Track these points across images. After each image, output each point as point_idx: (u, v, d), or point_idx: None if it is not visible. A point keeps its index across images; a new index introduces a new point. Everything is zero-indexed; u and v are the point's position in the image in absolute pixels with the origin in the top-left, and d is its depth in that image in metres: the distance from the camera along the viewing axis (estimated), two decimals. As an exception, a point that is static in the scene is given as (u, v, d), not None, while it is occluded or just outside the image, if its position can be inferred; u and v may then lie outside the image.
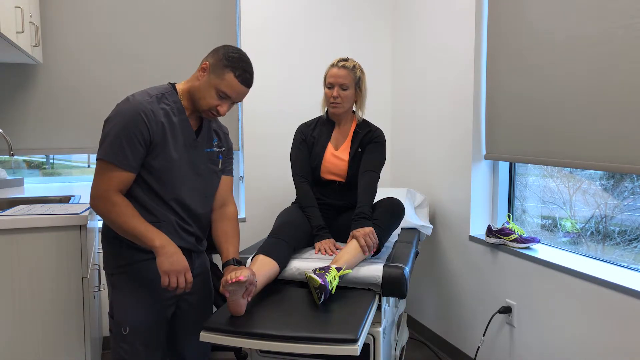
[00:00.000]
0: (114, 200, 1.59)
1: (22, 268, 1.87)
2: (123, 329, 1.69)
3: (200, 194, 1.76)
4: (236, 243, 1.80)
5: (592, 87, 2.00)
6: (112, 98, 2.97)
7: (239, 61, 1.67)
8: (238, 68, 1.66)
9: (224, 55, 1.67)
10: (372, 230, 2.07)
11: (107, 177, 1.59)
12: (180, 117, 1.70)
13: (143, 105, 1.61)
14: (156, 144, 1.64)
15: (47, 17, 2.85)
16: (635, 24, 1.82)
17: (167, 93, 1.70)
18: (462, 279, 2.82)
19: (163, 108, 1.66)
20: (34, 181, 3.05)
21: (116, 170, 1.59)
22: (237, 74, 1.66)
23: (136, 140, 1.59)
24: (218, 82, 1.66)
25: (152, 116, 1.62)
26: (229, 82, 1.66)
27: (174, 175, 1.68)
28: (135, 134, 1.59)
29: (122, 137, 1.58)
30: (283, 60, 3.25)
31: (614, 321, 1.92)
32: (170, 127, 1.67)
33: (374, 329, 1.92)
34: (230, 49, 1.69)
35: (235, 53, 1.68)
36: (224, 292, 1.63)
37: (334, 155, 2.36)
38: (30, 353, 1.90)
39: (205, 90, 1.67)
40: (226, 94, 1.67)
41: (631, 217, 2.10)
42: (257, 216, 3.25)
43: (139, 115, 1.59)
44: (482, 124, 2.68)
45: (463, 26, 2.72)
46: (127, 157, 1.59)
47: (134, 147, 1.59)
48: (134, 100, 1.62)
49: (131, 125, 1.58)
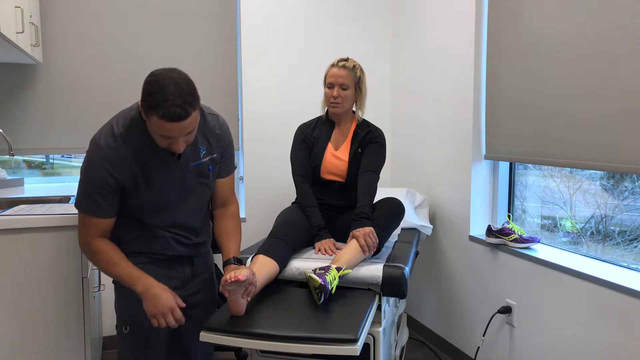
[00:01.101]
0: (95, 248, 1.59)
1: (22, 268, 1.87)
2: (124, 328, 1.71)
3: (194, 210, 1.72)
4: (237, 241, 1.79)
5: (592, 87, 2.00)
6: (112, 98, 2.97)
7: (159, 94, 1.38)
8: (159, 106, 1.38)
9: (143, 94, 1.42)
10: (372, 230, 2.07)
11: (86, 226, 1.59)
12: (152, 149, 1.57)
13: (106, 153, 1.52)
14: (129, 188, 1.58)
15: (47, 17, 2.85)
16: (634, 24, 1.82)
17: (135, 123, 1.54)
18: (462, 279, 2.82)
19: (132, 147, 1.54)
20: (34, 181, 3.05)
21: (93, 219, 1.58)
22: (160, 113, 1.39)
23: (105, 190, 1.55)
24: (151, 128, 1.46)
25: (117, 163, 1.53)
26: (157, 125, 1.42)
27: (160, 204, 1.64)
28: (102, 185, 1.54)
29: (90, 188, 1.54)
30: (283, 60, 3.25)
31: (614, 321, 1.92)
32: (141, 167, 1.56)
33: (374, 329, 1.92)
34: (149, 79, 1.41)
35: (153, 85, 1.39)
36: (224, 292, 1.63)
37: (333, 156, 2.36)
38: (30, 353, 1.90)
39: (153, 134, 1.49)
40: (164, 136, 1.46)
41: (631, 217, 2.10)
42: (257, 216, 3.25)
43: (102, 166, 1.53)
44: (482, 124, 2.68)
45: (463, 26, 2.72)
46: (100, 206, 1.57)
47: (105, 195, 1.56)
48: (98, 145, 1.53)
49: (97, 177, 1.53)
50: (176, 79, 1.40)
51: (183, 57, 3.08)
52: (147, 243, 1.69)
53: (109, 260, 1.58)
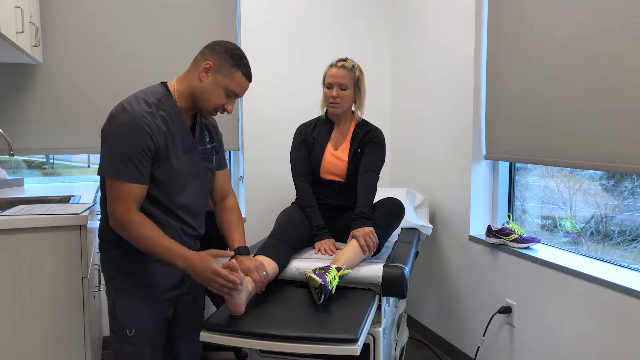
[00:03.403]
0: (137, 220, 1.56)
1: (22, 268, 1.87)
2: (128, 331, 1.68)
3: (199, 194, 1.76)
4: (241, 231, 1.84)
5: (592, 86, 2.00)
6: (112, 98, 2.97)
7: (242, 57, 1.67)
8: (243, 65, 1.66)
9: (227, 54, 1.64)
10: (372, 230, 2.07)
11: (124, 196, 1.55)
12: (178, 121, 1.66)
13: (145, 116, 1.56)
14: (160, 155, 1.61)
15: (47, 17, 2.85)
16: (634, 24, 1.82)
17: (163, 97, 1.64)
18: (462, 279, 2.82)
19: (162, 115, 1.61)
20: (34, 181, 3.05)
21: (131, 186, 1.55)
22: (244, 71, 1.66)
23: (144, 154, 1.56)
24: (227, 82, 1.64)
25: (155, 127, 1.57)
26: (238, 80, 1.65)
27: (176, 183, 1.66)
28: (142, 148, 1.55)
29: (130, 152, 1.53)
30: (283, 61, 3.25)
31: (614, 321, 1.92)
32: (171, 135, 1.63)
33: (374, 329, 1.92)
34: (229, 46, 1.66)
35: (236, 50, 1.67)
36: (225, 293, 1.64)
37: (333, 155, 2.36)
38: (30, 353, 1.90)
39: (211, 91, 1.64)
40: (235, 92, 1.66)
41: (631, 217, 2.10)
42: (257, 216, 3.25)
43: (143, 128, 1.55)
44: (482, 124, 2.68)
45: (463, 26, 2.72)
46: (140, 172, 1.56)
47: (144, 160, 1.56)
48: (134, 111, 1.56)
49: (137, 140, 1.54)
50: None
51: (183, 57, 3.07)
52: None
53: (151, 234, 1.55)
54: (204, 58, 1.66)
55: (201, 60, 1.66)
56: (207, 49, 1.67)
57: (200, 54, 1.68)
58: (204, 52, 1.68)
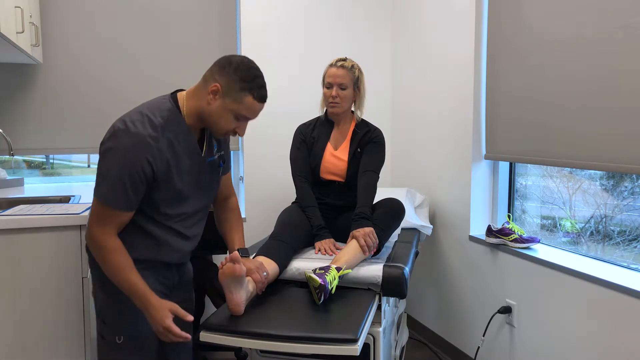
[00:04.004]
0: (112, 246, 1.49)
1: (22, 268, 1.87)
2: (117, 338, 1.61)
3: (202, 208, 1.70)
4: (241, 232, 1.81)
5: (592, 87, 2.00)
6: (112, 98, 2.97)
7: (254, 78, 1.53)
8: (255, 87, 1.53)
9: (237, 75, 1.51)
10: (372, 230, 2.07)
11: (106, 219, 1.49)
12: (185, 141, 1.56)
13: (147, 142, 1.46)
14: (160, 181, 1.52)
15: (47, 17, 2.85)
16: (635, 24, 1.82)
17: (171, 116, 1.53)
18: (462, 279, 2.82)
19: (168, 138, 1.51)
20: (34, 181, 3.05)
21: (117, 212, 1.49)
22: (255, 94, 1.53)
23: (139, 181, 1.47)
24: (236, 107, 1.53)
25: (158, 154, 1.48)
26: (248, 105, 1.53)
27: (177, 201, 1.59)
28: (139, 174, 1.46)
29: (125, 178, 1.45)
30: (283, 61, 3.25)
31: (614, 321, 1.92)
32: (175, 159, 1.54)
33: (374, 329, 1.92)
34: (241, 65, 1.52)
35: (249, 70, 1.53)
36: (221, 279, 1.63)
37: (333, 155, 2.36)
38: (30, 353, 1.90)
39: (219, 115, 1.53)
40: (245, 117, 1.56)
41: (631, 217, 2.10)
42: (257, 216, 3.25)
43: (144, 155, 1.46)
44: (482, 124, 2.68)
45: (463, 26, 2.72)
46: (129, 199, 1.48)
47: (138, 187, 1.48)
48: (137, 134, 1.45)
49: (135, 166, 1.45)
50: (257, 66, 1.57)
51: (183, 57, 3.08)
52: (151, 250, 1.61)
53: (121, 264, 1.49)
54: (212, 78, 1.53)
55: (210, 80, 1.54)
56: (217, 67, 1.54)
57: (209, 70, 1.55)
58: (213, 70, 1.54)
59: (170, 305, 1.52)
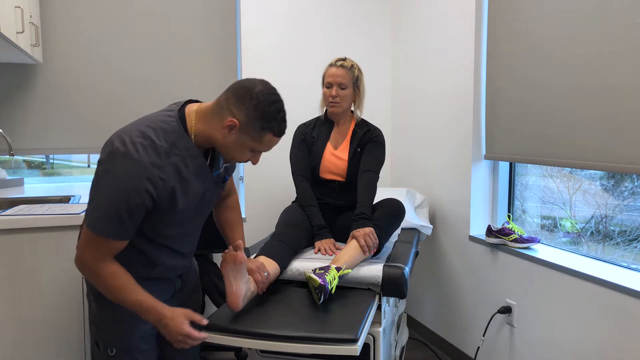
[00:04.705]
0: (107, 272, 1.38)
1: (22, 268, 1.87)
2: (109, 350, 1.53)
3: (201, 224, 1.64)
4: (241, 230, 1.79)
5: (592, 87, 2.00)
6: (112, 98, 2.97)
7: (276, 115, 1.41)
8: (276, 123, 1.41)
9: (257, 111, 1.38)
10: (372, 230, 2.07)
11: (99, 249, 1.36)
12: (194, 164, 1.44)
13: (149, 171, 1.32)
14: (162, 209, 1.41)
15: (47, 17, 2.85)
16: (635, 24, 1.82)
17: (177, 139, 1.39)
18: (462, 279, 2.82)
19: (173, 163, 1.37)
20: (34, 181, 3.05)
21: (112, 242, 1.36)
22: (276, 131, 1.42)
23: (139, 212, 1.35)
24: (254, 144, 1.42)
25: (161, 184, 1.35)
26: (267, 142, 1.43)
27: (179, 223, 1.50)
28: (137, 206, 1.33)
29: (122, 210, 1.32)
30: (283, 61, 3.25)
31: (614, 321, 1.92)
32: (181, 184, 1.42)
33: (374, 329, 1.92)
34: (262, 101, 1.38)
35: (269, 106, 1.39)
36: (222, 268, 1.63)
37: (333, 155, 2.36)
38: (31, 353, 1.90)
39: (235, 150, 1.42)
40: (262, 151, 1.47)
41: (631, 217, 2.10)
42: (257, 216, 3.25)
43: (144, 185, 1.32)
44: (482, 124, 2.68)
45: (463, 27, 2.72)
46: (126, 229, 1.36)
47: (136, 217, 1.35)
48: (138, 161, 1.31)
49: (134, 198, 1.31)
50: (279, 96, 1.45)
51: (183, 57, 3.08)
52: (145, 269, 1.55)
53: (122, 286, 1.39)
54: (229, 110, 1.38)
55: (225, 111, 1.39)
56: (235, 98, 1.38)
57: (225, 99, 1.40)
58: (230, 99, 1.39)
59: (184, 311, 1.48)
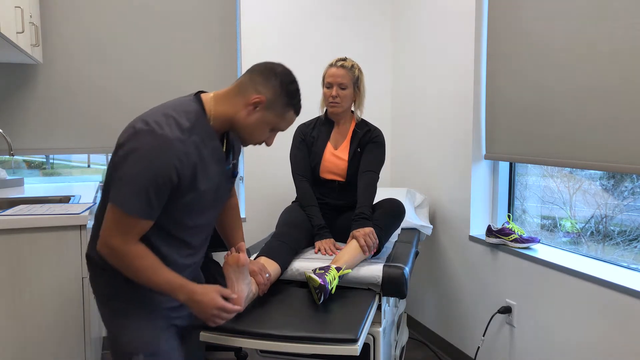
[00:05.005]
0: (136, 253, 1.37)
1: (22, 268, 1.87)
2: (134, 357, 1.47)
3: (214, 220, 1.61)
4: (240, 231, 1.78)
5: (592, 87, 2.00)
6: (112, 98, 2.97)
7: (298, 91, 1.49)
8: (297, 102, 1.49)
9: (282, 89, 1.45)
10: (372, 230, 2.07)
11: (127, 228, 1.36)
12: (211, 146, 1.45)
13: (176, 147, 1.34)
14: (184, 187, 1.41)
15: (47, 17, 2.85)
16: (635, 24, 1.82)
17: (199, 118, 1.42)
18: (462, 279, 2.82)
19: (194, 141, 1.40)
20: (34, 181, 3.05)
21: (138, 221, 1.36)
22: (296, 108, 1.50)
23: (165, 189, 1.36)
24: (277, 121, 1.47)
25: (186, 160, 1.37)
26: (289, 119, 1.50)
27: (198, 210, 1.48)
28: (165, 183, 1.34)
29: (150, 187, 1.33)
30: (283, 61, 3.25)
31: (614, 321, 1.92)
32: (202, 163, 1.43)
33: (374, 329, 1.92)
34: (285, 78, 1.46)
35: (292, 83, 1.48)
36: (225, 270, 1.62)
37: (333, 155, 2.36)
38: (31, 353, 1.90)
39: (257, 127, 1.46)
40: (281, 129, 1.51)
41: (631, 217, 2.10)
42: (257, 216, 3.25)
43: (173, 162, 1.34)
44: (482, 124, 2.68)
45: (463, 26, 2.72)
46: (152, 208, 1.36)
47: (162, 196, 1.37)
48: (163, 136, 1.33)
49: (161, 172, 1.33)
50: None
51: (183, 57, 3.08)
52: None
53: (150, 266, 1.38)
54: (254, 88, 1.44)
55: (250, 89, 1.44)
56: (260, 77, 1.45)
57: (249, 78, 1.45)
58: (255, 79, 1.45)
59: (215, 287, 1.47)
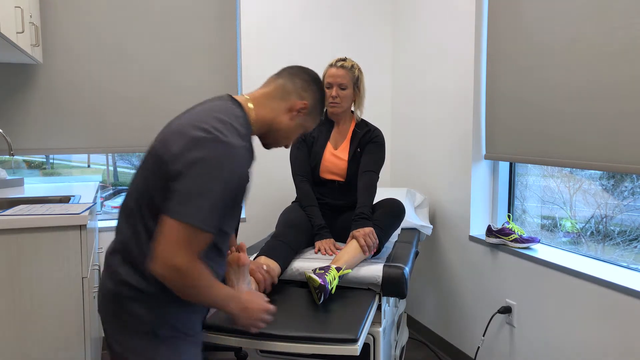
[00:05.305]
0: (200, 269, 1.25)
1: (22, 268, 1.87)
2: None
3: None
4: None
5: (592, 87, 2.00)
6: (112, 98, 2.97)
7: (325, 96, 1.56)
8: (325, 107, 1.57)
9: (320, 94, 1.49)
10: (372, 230, 2.07)
11: (194, 244, 1.24)
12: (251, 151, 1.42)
13: (243, 155, 1.28)
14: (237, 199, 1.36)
15: (47, 17, 2.85)
16: (635, 25, 1.82)
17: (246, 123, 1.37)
18: (462, 279, 2.82)
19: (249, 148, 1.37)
20: (34, 181, 3.05)
21: (206, 235, 1.25)
22: (324, 114, 1.59)
23: (238, 200, 1.33)
24: (310, 125, 1.51)
25: (250, 167, 1.35)
26: (317, 122, 1.55)
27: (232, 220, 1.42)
28: (237, 193, 1.30)
29: (225, 198, 1.25)
30: (283, 61, 3.25)
31: (614, 321, 1.92)
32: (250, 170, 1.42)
33: (374, 329, 1.92)
34: (319, 84, 1.50)
35: (323, 89, 1.52)
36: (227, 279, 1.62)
37: (333, 155, 2.36)
38: (31, 353, 1.90)
39: (295, 132, 1.48)
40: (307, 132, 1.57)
41: (631, 217, 2.10)
42: (257, 216, 3.25)
43: (244, 170, 1.29)
44: (482, 124, 2.68)
45: (463, 26, 2.72)
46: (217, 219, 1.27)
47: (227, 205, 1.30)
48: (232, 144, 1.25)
49: (237, 184, 1.28)
50: None
51: (183, 57, 3.08)
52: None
53: (210, 281, 1.29)
54: (298, 94, 1.44)
55: (293, 94, 1.44)
56: (302, 82, 1.45)
57: (291, 82, 1.45)
58: (297, 83, 1.45)
59: (252, 292, 1.46)
